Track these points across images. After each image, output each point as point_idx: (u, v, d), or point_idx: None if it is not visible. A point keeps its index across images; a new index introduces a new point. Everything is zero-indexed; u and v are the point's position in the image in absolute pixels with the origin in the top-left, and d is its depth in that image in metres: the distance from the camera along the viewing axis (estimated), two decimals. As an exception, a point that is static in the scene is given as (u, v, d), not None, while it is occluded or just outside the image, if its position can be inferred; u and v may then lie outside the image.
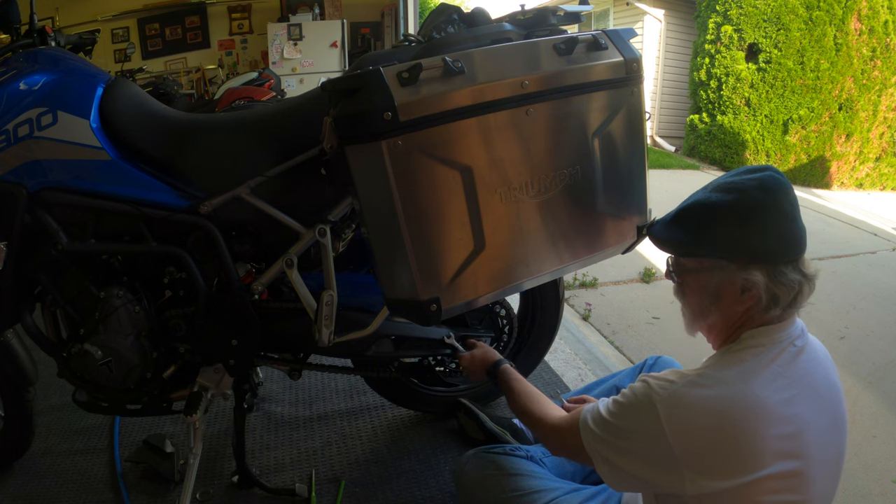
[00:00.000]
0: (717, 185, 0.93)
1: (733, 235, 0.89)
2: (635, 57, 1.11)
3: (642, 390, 0.89)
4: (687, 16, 8.31)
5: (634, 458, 0.89)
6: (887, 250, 4.54)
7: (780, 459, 0.82)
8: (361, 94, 0.92)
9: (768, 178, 0.89)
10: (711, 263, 0.92)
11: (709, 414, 0.83)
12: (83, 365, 1.25)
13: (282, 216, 1.19)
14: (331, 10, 6.44)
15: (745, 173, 0.92)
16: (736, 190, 0.90)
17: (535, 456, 1.29)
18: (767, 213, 0.88)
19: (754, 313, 0.90)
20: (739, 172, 0.93)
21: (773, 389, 0.84)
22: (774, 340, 0.89)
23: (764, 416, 0.82)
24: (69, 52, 1.34)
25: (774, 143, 7.14)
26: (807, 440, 0.84)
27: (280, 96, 4.24)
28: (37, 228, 1.18)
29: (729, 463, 0.83)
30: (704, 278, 0.93)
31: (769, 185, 0.88)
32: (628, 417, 0.90)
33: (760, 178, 0.89)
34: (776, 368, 0.86)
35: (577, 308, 3.08)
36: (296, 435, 1.73)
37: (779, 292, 0.87)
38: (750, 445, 0.82)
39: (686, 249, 0.96)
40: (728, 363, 0.88)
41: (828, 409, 0.89)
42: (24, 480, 1.53)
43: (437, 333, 1.44)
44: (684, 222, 0.95)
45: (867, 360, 2.71)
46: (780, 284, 0.87)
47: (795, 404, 0.85)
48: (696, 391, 0.85)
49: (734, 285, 0.89)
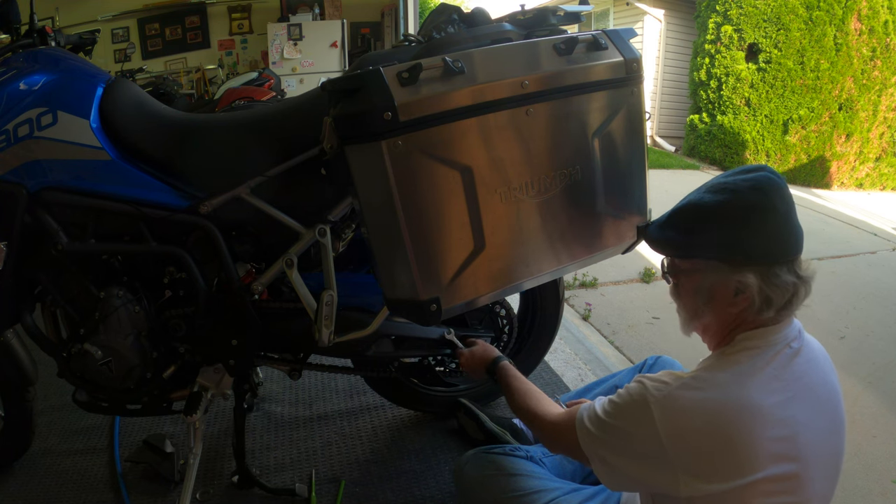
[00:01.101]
0: (711, 185, 0.93)
1: (726, 237, 0.88)
2: (635, 57, 1.11)
3: (637, 391, 0.89)
4: (687, 16, 8.31)
5: (629, 458, 0.89)
6: (887, 250, 4.54)
7: (776, 462, 0.82)
8: (361, 94, 0.92)
9: (762, 178, 0.88)
10: (704, 265, 0.91)
11: (703, 416, 0.83)
12: (83, 365, 1.24)
13: (282, 216, 1.19)
14: (331, 10, 6.44)
15: (740, 174, 0.91)
16: (728, 191, 0.89)
17: (535, 456, 1.29)
18: (760, 214, 0.87)
19: (748, 315, 0.89)
20: (734, 173, 0.93)
21: (767, 392, 0.83)
22: (770, 342, 0.88)
23: (759, 419, 0.82)
24: (69, 52, 1.34)
25: (774, 143, 7.14)
26: (803, 442, 0.84)
27: (280, 96, 4.24)
28: (37, 228, 1.18)
29: (723, 466, 0.82)
30: (698, 279, 0.93)
31: (763, 186, 0.87)
32: (623, 417, 0.90)
33: (754, 178, 0.88)
34: (771, 371, 0.85)
35: (577, 308, 3.08)
36: (296, 435, 1.73)
37: (772, 294, 0.86)
38: (744, 448, 0.81)
39: (679, 251, 0.96)
40: (723, 366, 0.88)
41: (825, 411, 0.89)
42: (24, 480, 1.53)
43: (437, 333, 1.44)
44: (678, 223, 0.95)
45: (867, 360, 2.71)
46: (774, 286, 0.86)
47: (791, 407, 0.84)
48: (691, 393, 0.85)
49: (727, 287, 0.88)
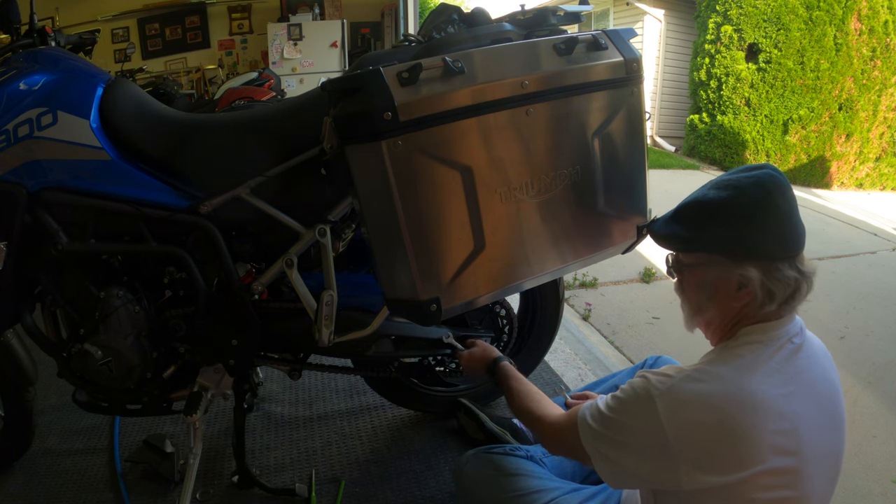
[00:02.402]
0: (716, 182, 0.95)
1: (729, 232, 0.90)
2: (635, 57, 1.11)
3: (641, 385, 0.90)
4: (687, 16, 8.31)
5: (633, 453, 0.90)
6: (887, 250, 4.54)
7: (777, 455, 0.83)
8: (361, 94, 0.92)
9: (765, 175, 0.90)
10: (708, 259, 0.93)
11: (706, 408, 0.84)
12: (83, 365, 1.24)
13: (282, 216, 1.19)
14: (331, 10, 6.44)
15: (744, 171, 0.93)
16: (732, 187, 0.91)
17: (535, 456, 1.29)
18: (763, 211, 0.88)
19: (750, 310, 0.90)
20: (739, 171, 0.94)
21: (770, 385, 0.85)
22: (772, 337, 0.89)
23: (761, 411, 0.83)
24: (69, 52, 1.34)
25: (774, 143, 7.14)
26: (803, 437, 0.85)
27: (280, 96, 4.23)
28: (37, 228, 1.18)
29: (726, 457, 0.83)
30: (701, 274, 0.94)
31: (766, 183, 0.89)
32: (627, 412, 0.91)
33: (758, 175, 0.90)
34: (773, 364, 0.87)
35: (577, 308, 3.08)
36: (296, 435, 1.73)
37: (774, 288, 0.88)
38: (747, 440, 0.82)
39: (683, 245, 0.97)
40: (725, 359, 0.89)
41: (825, 408, 0.90)
42: (24, 480, 1.53)
43: (436, 333, 1.44)
44: (683, 219, 0.96)
45: (867, 360, 2.71)
46: (776, 281, 0.88)
47: (792, 401, 0.85)
48: (694, 385, 0.86)
49: (730, 281, 0.90)
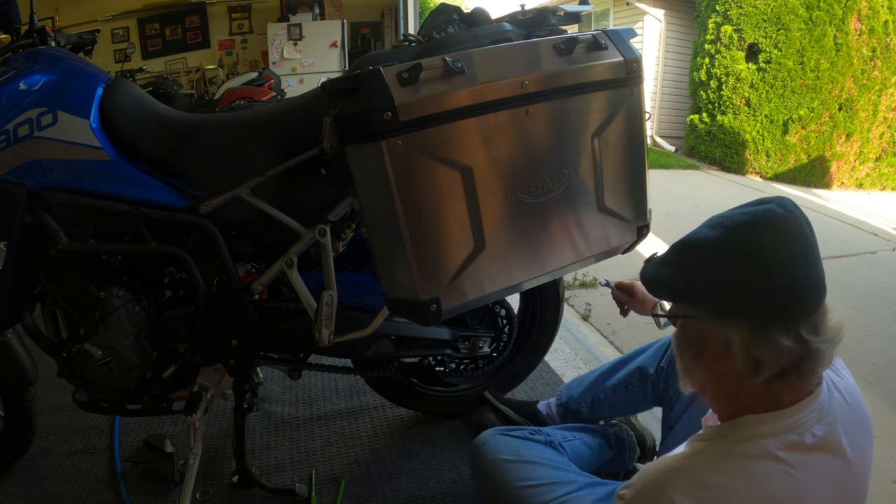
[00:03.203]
0: (712, 218, 0.80)
1: (711, 280, 0.75)
2: (635, 57, 1.11)
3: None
4: (687, 16, 8.32)
5: None
6: (887, 250, 4.54)
7: None
8: (361, 94, 0.92)
9: (762, 212, 0.74)
10: (689, 310, 0.79)
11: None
12: (83, 365, 1.24)
13: (282, 216, 1.19)
14: (331, 10, 6.45)
15: (747, 205, 0.78)
16: (722, 226, 0.76)
17: (555, 441, 1.27)
18: (747, 258, 0.73)
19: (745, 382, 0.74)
20: (744, 204, 0.80)
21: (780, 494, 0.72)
22: (778, 429, 0.73)
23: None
24: (69, 52, 1.34)
25: (774, 143, 7.14)
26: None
27: (280, 96, 4.24)
28: (37, 228, 1.18)
29: None
30: (684, 327, 0.81)
31: (756, 222, 0.74)
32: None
33: (755, 211, 0.75)
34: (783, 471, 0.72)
35: (577, 308, 3.07)
36: (296, 435, 1.72)
37: (761, 357, 0.71)
38: None
39: (666, 291, 0.83)
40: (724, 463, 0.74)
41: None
42: (24, 480, 1.52)
43: (436, 333, 1.44)
44: (672, 260, 0.81)
45: (867, 360, 2.71)
46: (763, 347, 0.71)
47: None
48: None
49: (715, 340, 0.75)
